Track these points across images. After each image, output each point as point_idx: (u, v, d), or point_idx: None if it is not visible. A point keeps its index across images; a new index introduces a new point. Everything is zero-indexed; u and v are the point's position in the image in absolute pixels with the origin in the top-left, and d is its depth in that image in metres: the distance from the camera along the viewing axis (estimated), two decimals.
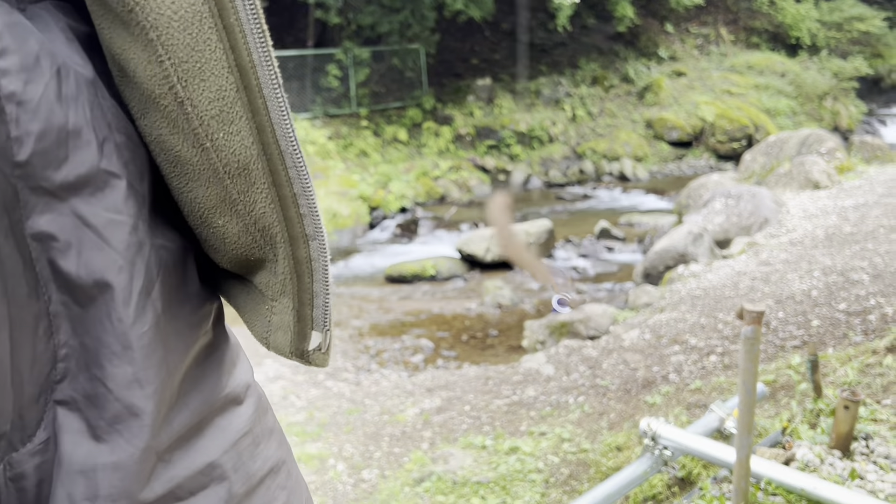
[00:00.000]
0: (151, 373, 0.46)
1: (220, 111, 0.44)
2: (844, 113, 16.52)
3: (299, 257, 0.49)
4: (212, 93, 0.44)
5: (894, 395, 3.55)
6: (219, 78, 0.44)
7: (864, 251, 6.25)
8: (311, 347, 0.52)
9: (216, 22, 0.43)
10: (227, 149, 0.45)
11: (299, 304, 0.51)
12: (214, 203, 0.48)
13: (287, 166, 0.47)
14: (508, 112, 14.92)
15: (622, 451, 3.50)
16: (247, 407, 0.57)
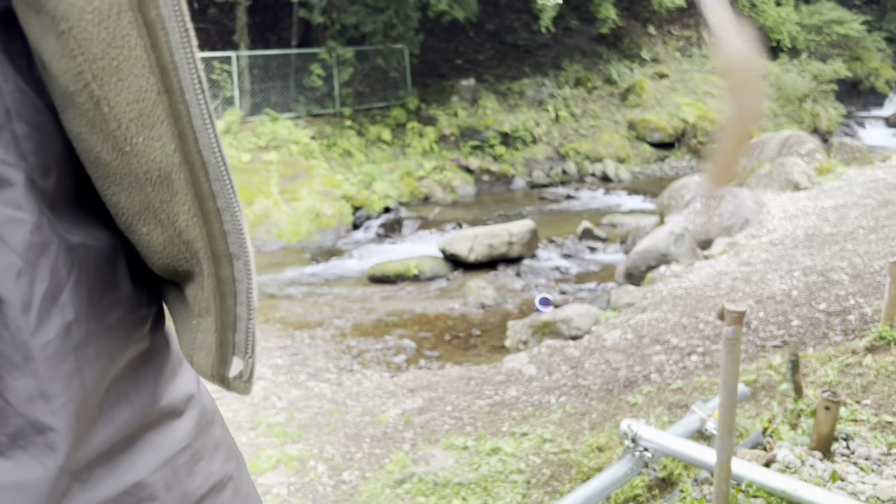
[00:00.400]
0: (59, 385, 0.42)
1: (140, 114, 0.41)
2: (824, 115, 16.70)
3: (223, 277, 0.46)
4: (131, 93, 0.40)
5: (874, 395, 3.57)
6: (139, 78, 0.40)
7: (844, 251, 6.30)
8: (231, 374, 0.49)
9: (136, 16, 0.39)
10: (147, 155, 0.42)
11: (221, 327, 0.47)
12: (137, 210, 0.45)
13: (210, 178, 0.43)
14: (492, 113, 14.92)
15: (604, 452, 3.49)
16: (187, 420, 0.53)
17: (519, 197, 13.32)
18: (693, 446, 2.59)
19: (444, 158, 13.87)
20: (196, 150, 0.42)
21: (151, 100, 0.41)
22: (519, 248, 9.00)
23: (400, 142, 13.90)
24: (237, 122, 12.50)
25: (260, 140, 12.36)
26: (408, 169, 13.06)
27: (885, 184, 8.53)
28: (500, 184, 13.97)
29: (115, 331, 0.46)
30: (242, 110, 12.90)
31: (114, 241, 0.47)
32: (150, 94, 0.41)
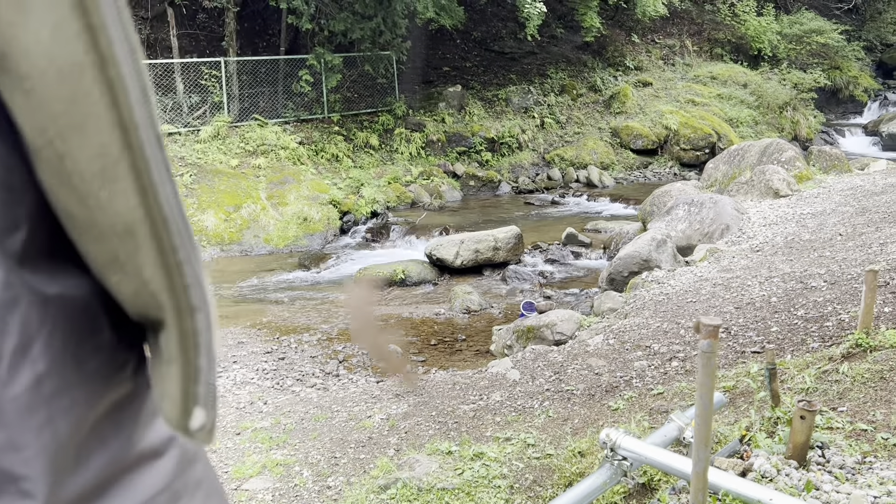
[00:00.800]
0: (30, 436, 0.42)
1: (103, 169, 0.41)
2: (804, 123, 16.93)
3: (185, 329, 0.46)
4: (93, 149, 0.41)
5: (850, 403, 3.66)
6: (101, 134, 0.41)
7: (822, 258, 6.42)
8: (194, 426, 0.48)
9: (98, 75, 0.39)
10: (111, 208, 0.42)
11: (184, 378, 0.47)
12: (106, 261, 0.45)
13: (170, 232, 0.44)
14: (479, 119, 15.02)
15: (585, 457, 3.56)
16: (167, 461, 0.53)
17: (505, 202, 13.41)
18: (671, 456, 2.66)
19: (431, 164, 13.94)
20: (156, 205, 0.43)
21: (114, 155, 0.41)
22: (504, 253, 9.07)
23: (387, 147, 13.96)
24: (226, 128, 12.50)
25: (248, 145, 12.37)
26: (395, 174, 13.11)
27: (862, 191, 8.68)
28: (486, 189, 14.05)
29: (94, 377, 0.47)
30: (231, 115, 12.91)
31: (94, 288, 0.47)
32: (113, 149, 0.41)
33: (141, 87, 0.41)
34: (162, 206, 0.43)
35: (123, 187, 0.42)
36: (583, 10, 15.09)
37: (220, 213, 10.78)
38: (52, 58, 0.38)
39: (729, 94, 16.95)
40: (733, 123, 16.05)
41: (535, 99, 15.96)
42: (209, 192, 11.08)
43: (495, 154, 14.75)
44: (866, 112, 19.24)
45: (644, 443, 2.59)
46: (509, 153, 14.87)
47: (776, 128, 16.36)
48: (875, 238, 6.74)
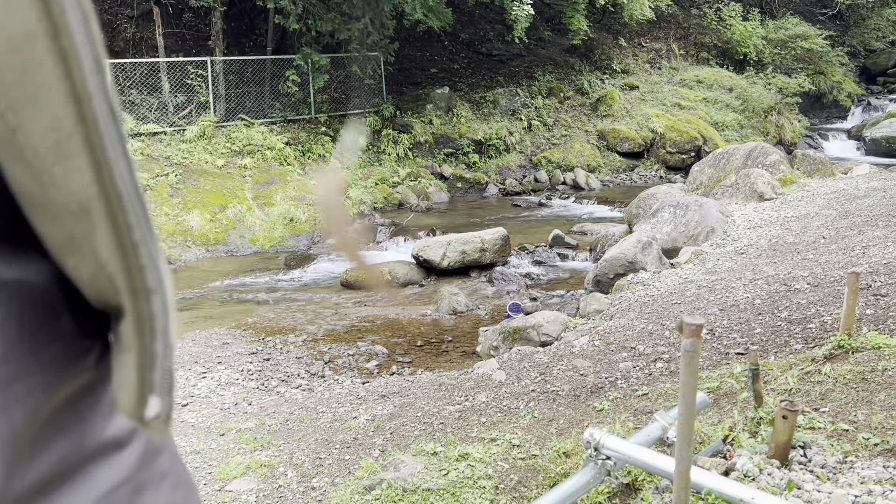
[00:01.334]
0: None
1: (57, 143, 0.40)
2: (788, 127, 17.08)
3: (141, 313, 0.44)
4: (46, 123, 0.39)
5: (832, 403, 3.69)
6: (54, 107, 0.39)
7: (806, 261, 6.47)
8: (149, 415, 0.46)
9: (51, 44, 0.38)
10: (66, 186, 0.41)
11: (140, 365, 0.45)
12: (61, 242, 0.44)
13: (125, 211, 0.42)
14: (466, 121, 15.04)
15: (570, 458, 3.57)
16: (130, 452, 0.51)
17: (492, 204, 13.43)
18: (654, 455, 2.67)
19: (418, 165, 13.94)
20: (110, 181, 0.41)
21: (68, 129, 0.39)
22: (491, 254, 9.08)
23: (375, 148, 13.95)
24: (211, 127, 12.45)
25: (234, 145, 12.32)
26: (382, 175, 13.11)
27: (845, 195, 8.77)
28: (473, 191, 14.07)
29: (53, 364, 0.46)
30: (217, 115, 12.85)
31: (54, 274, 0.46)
32: (67, 123, 0.39)
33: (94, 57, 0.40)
34: (116, 183, 0.41)
35: (78, 163, 0.40)
36: (570, 13, 15.16)
37: (205, 213, 10.72)
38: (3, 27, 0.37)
39: (715, 98, 17.08)
40: (719, 127, 16.18)
41: (522, 101, 16.01)
42: (195, 192, 11.02)
43: (482, 156, 14.77)
44: (850, 117, 19.45)
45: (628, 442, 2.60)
46: (496, 155, 14.90)
47: (761, 132, 16.50)
48: (858, 241, 6.80)
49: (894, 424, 3.22)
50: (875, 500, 2.52)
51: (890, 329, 4.65)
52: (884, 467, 2.81)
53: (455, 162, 14.51)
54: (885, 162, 13.37)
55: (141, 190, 0.43)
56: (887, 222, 7.22)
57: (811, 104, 18.99)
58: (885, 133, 15.82)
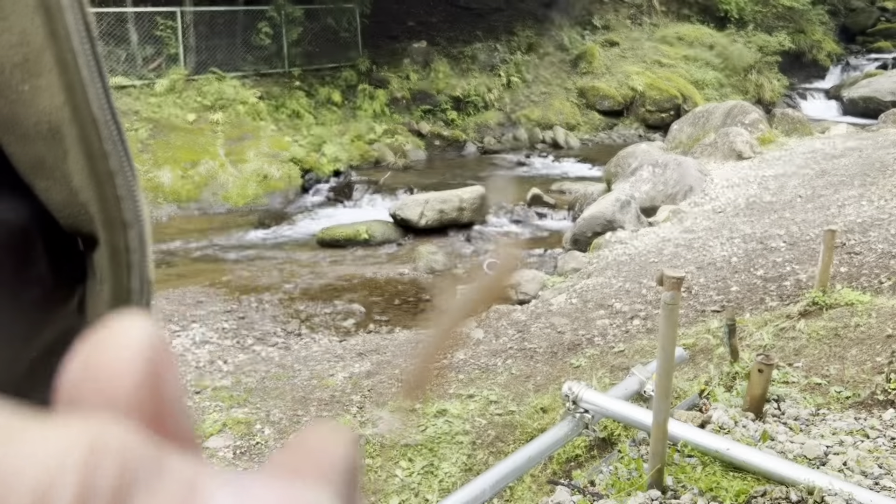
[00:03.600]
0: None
1: (25, 59, 0.37)
2: (768, 86, 17.07)
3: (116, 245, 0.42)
4: (14, 36, 0.37)
5: (806, 358, 3.73)
6: (22, 18, 0.37)
7: (782, 220, 6.51)
8: None
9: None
10: (34, 105, 0.38)
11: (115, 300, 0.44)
12: (32, 164, 0.41)
13: (101, 137, 0.40)
14: (444, 77, 14.81)
15: (547, 413, 3.58)
16: None
17: (470, 162, 13.32)
18: (631, 408, 2.68)
19: (395, 122, 13.74)
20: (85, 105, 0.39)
21: (37, 44, 0.37)
22: (469, 213, 9.03)
23: (350, 104, 13.70)
24: (182, 81, 12.12)
25: (205, 99, 12.03)
26: (358, 132, 12.90)
27: (822, 154, 8.81)
28: (451, 149, 13.93)
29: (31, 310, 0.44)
30: (187, 68, 12.50)
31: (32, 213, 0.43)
32: (36, 37, 0.37)
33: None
34: (91, 106, 0.39)
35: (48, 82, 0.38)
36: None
37: (176, 169, 10.51)
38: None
39: (695, 56, 16.98)
40: (699, 85, 16.11)
41: (501, 57, 15.78)
42: (165, 147, 10.78)
43: (461, 113, 14.59)
44: (828, 76, 19.47)
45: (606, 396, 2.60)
46: (475, 112, 14.73)
47: (741, 90, 16.47)
48: (834, 200, 6.85)
49: (866, 378, 3.27)
50: (846, 450, 2.56)
51: (863, 286, 4.70)
52: (855, 419, 2.85)
53: (433, 119, 14.32)
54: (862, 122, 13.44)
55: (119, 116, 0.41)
56: (863, 181, 7.27)
57: (791, 63, 18.97)
58: (862, 93, 15.88)
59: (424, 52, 14.97)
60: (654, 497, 2.34)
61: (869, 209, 6.30)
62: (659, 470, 2.35)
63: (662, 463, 2.35)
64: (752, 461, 2.43)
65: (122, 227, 0.42)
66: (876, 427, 2.75)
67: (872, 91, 15.67)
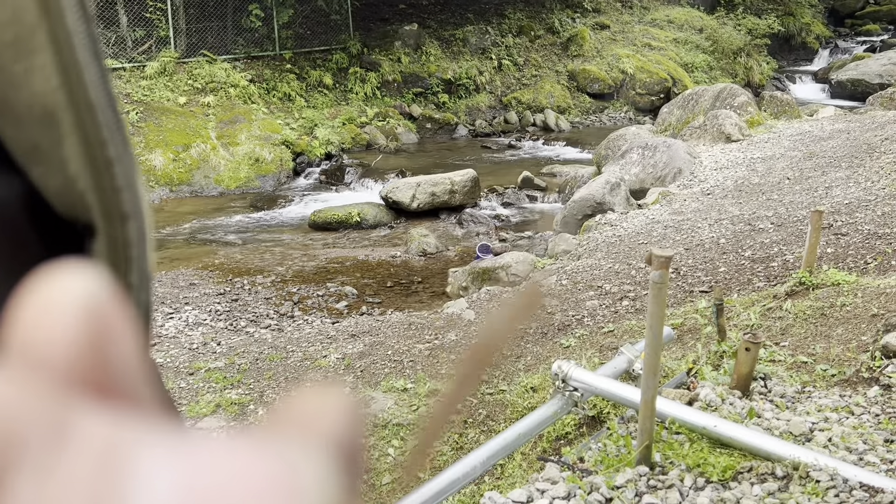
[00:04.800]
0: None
1: (17, 38, 0.36)
2: (757, 69, 17.10)
3: (114, 238, 0.41)
4: (6, 13, 0.35)
5: (792, 337, 3.80)
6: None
7: (770, 201, 6.57)
8: None
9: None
10: (28, 87, 0.37)
11: None
12: (26, 149, 0.40)
13: (97, 124, 0.38)
14: (435, 59, 14.76)
15: (537, 392, 3.63)
16: None
17: (462, 146, 13.32)
18: (620, 386, 2.73)
19: (386, 105, 13.70)
20: (81, 88, 0.37)
21: (30, 22, 0.35)
22: (461, 196, 9.05)
23: (342, 87, 13.65)
24: (172, 63, 12.03)
25: (196, 82, 11.95)
26: (350, 115, 12.86)
27: (810, 137, 8.87)
28: (443, 132, 13.91)
29: None
30: (178, 51, 12.41)
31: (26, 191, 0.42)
32: (28, 15, 0.35)
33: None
34: (87, 90, 0.37)
35: (41, 63, 0.36)
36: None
37: (168, 152, 10.47)
38: None
39: (685, 39, 16.97)
40: (688, 68, 16.13)
41: (492, 40, 15.73)
42: (156, 130, 10.72)
43: (452, 96, 14.56)
44: (817, 59, 19.51)
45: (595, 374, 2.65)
46: (466, 95, 14.70)
47: (730, 73, 16.49)
48: (821, 182, 6.91)
49: (851, 356, 3.33)
50: (831, 426, 2.62)
51: (849, 266, 4.77)
52: (840, 396, 2.91)
53: (424, 102, 14.28)
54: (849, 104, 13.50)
55: (116, 101, 0.39)
56: (850, 163, 7.33)
57: (779, 46, 18.99)
58: (850, 76, 15.93)
59: (415, 34, 14.90)
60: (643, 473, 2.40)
61: (856, 191, 6.36)
62: (647, 446, 2.41)
63: (650, 440, 2.40)
64: (739, 437, 2.49)
65: (120, 220, 0.40)
66: (860, 404, 2.82)
67: (860, 74, 15.72)
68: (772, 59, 18.11)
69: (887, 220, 5.43)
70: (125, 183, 0.40)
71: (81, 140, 0.38)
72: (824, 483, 2.19)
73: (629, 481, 2.31)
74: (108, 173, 0.39)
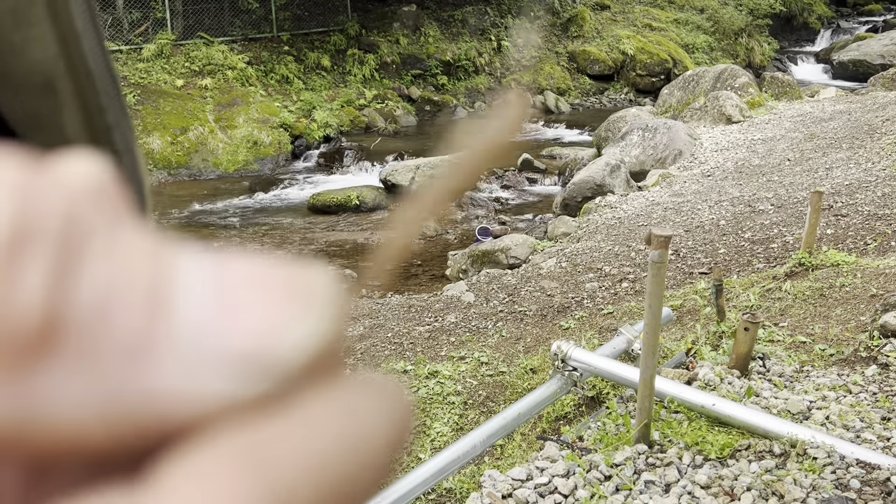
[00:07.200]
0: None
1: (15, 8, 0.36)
2: (758, 50, 16.99)
3: None
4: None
5: (791, 318, 3.80)
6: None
7: (770, 183, 6.55)
8: None
9: None
10: (26, 56, 0.37)
11: None
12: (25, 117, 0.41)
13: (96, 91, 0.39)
14: (434, 41, 14.66)
15: (537, 374, 3.64)
16: None
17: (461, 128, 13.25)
18: (619, 366, 2.74)
19: (385, 87, 13.63)
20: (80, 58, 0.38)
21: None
22: None
23: (340, 69, 13.56)
24: (169, 46, 11.95)
25: (194, 65, 11.88)
26: (348, 97, 12.80)
27: (811, 118, 8.83)
28: (442, 114, 13.85)
29: None
30: (175, 33, 12.32)
31: None
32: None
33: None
34: (86, 59, 0.38)
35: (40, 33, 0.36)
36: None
37: (166, 135, 10.42)
38: None
39: (686, 19, 16.85)
40: (689, 49, 16.02)
41: (491, 20, 15.61)
42: (154, 113, 10.67)
43: (451, 78, 14.48)
44: (819, 40, 19.38)
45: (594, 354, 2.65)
46: (465, 77, 14.62)
47: (731, 54, 16.39)
48: (822, 163, 6.89)
49: (849, 336, 3.34)
50: (829, 405, 2.63)
51: (849, 247, 4.76)
52: (838, 375, 2.92)
53: (423, 84, 14.20)
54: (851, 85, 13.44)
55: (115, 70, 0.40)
56: (851, 144, 7.31)
57: (781, 26, 18.85)
58: (852, 56, 15.83)
59: (414, 15, 14.78)
60: (641, 451, 2.41)
61: (856, 172, 6.35)
62: (646, 425, 2.42)
63: (649, 418, 2.41)
64: (737, 416, 2.50)
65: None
66: (858, 383, 2.83)
67: (862, 54, 15.62)
68: (773, 39, 17.98)
69: (887, 202, 5.42)
70: (123, 147, 0.41)
71: (80, 107, 0.39)
72: (821, 460, 2.20)
73: (628, 459, 2.33)
74: (107, 140, 0.40)
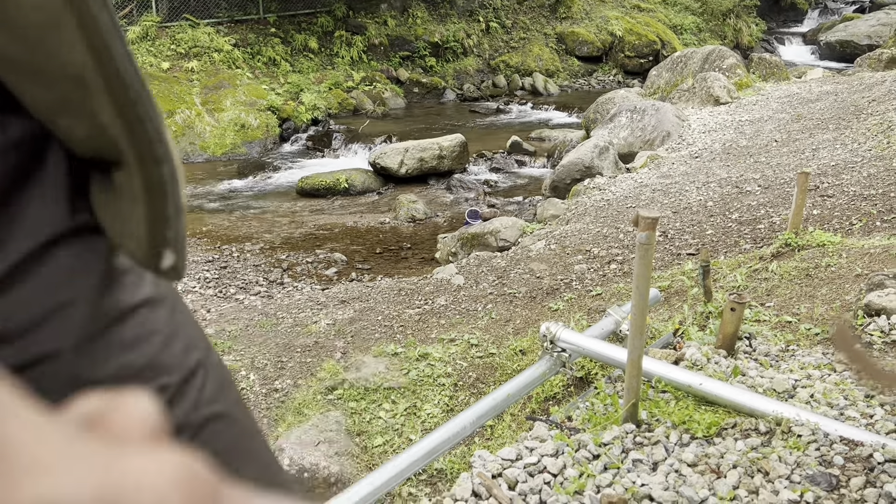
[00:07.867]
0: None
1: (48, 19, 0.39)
2: (746, 31, 16.99)
3: (150, 179, 0.46)
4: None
5: (777, 298, 3.84)
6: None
7: (758, 164, 6.59)
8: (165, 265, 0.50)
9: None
10: (58, 58, 0.41)
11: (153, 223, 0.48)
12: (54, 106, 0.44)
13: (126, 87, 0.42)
14: (422, 22, 14.56)
15: (526, 355, 3.67)
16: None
17: (450, 110, 13.22)
18: (607, 346, 2.76)
19: (373, 69, 13.55)
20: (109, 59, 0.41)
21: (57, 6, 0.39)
22: (449, 161, 9.01)
23: (327, 51, 13.47)
24: (154, 28, 11.82)
25: (179, 47, 11.76)
26: (336, 80, 12.72)
27: (798, 99, 8.86)
28: (430, 96, 13.79)
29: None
30: (160, 15, 12.18)
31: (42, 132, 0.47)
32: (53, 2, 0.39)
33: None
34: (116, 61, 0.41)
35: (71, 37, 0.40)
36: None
37: None
38: None
39: (674, 0, 16.82)
40: (677, 30, 16.01)
41: (479, 1, 15.52)
42: None
43: (440, 60, 14.41)
44: (806, 20, 19.41)
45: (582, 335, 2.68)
46: (454, 59, 14.55)
47: (719, 35, 16.39)
48: (808, 144, 6.93)
49: (834, 316, 3.38)
50: (814, 383, 2.67)
51: (834, 228, 4.81)
52: (823, 354, 2.97)
53: (411, 66, 14.13)
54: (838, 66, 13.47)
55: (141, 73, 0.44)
56: (837, 125, 7.35)
57: (769, 7, 18.85)
58: (839, 37, 15.86)
59: None
60: (629, 430, 2.44)
61: (842, 153, 6.39)
62: (633, 405, 2.45)
63: (637, 398, 2.44)
64: (724, 395, 2.53)
65: (154, 163, 0.45)
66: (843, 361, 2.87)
67: (849, 35, 15.66)
68: (761, 20, 17.98)
69: (873, 182, 5.46)
70: (156, 135, 0.45)
71: (112, 101, 0.43)
72: (806, 437, 2.24)
73: (616, 438, 2.36)
74: (140, 127, 0.44)
